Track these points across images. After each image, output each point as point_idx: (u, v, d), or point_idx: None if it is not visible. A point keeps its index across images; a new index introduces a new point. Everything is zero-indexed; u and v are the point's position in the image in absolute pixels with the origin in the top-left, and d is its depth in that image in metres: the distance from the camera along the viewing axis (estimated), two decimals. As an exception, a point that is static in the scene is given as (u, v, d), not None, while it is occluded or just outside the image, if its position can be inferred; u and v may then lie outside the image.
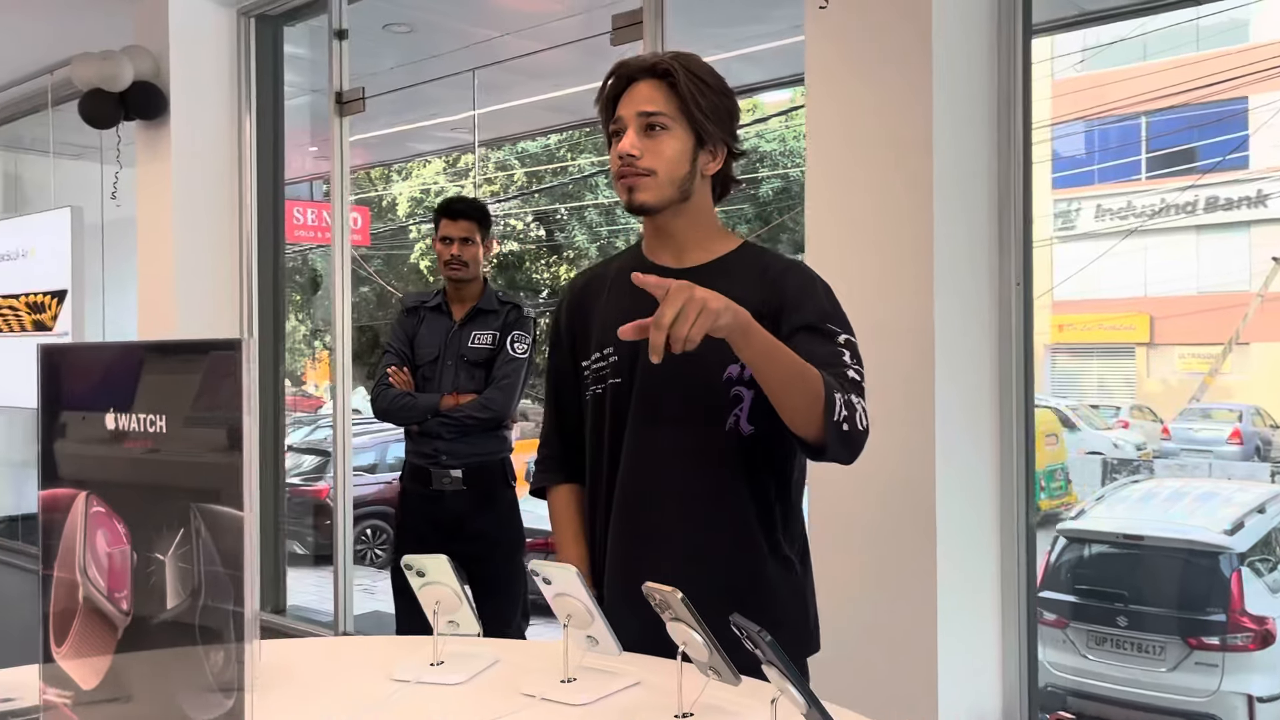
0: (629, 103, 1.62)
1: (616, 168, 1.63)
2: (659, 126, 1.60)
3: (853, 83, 2.81)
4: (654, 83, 1.62)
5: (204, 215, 5.14)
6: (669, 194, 1.62)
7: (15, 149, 7.55)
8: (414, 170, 17.43)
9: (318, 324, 17.52)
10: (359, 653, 1.61)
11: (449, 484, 3.06)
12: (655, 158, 1.60)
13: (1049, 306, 17.09)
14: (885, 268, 2.74)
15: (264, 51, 5.25)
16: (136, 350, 0.89)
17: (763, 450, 1.59)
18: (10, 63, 6.06)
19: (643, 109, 1.60)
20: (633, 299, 1.62)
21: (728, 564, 1.60)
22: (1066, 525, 6.68)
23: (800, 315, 1.59)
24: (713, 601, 1.53)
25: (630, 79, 1.64)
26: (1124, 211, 16.87)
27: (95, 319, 6.37)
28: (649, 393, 1.62)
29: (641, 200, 1.62)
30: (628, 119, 1.62)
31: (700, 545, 1.60)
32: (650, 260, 1.69)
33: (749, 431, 1.59)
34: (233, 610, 0.81)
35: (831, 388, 1.47)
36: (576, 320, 1.75)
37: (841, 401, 1.47)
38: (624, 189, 1.62)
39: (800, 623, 1.67)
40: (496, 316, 3.14)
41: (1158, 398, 16.02)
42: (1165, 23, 12.81)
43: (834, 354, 1.56)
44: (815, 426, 1.47)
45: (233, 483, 0.80)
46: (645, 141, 1.59)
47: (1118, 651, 5.75)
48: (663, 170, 1.60)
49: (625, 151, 1.59)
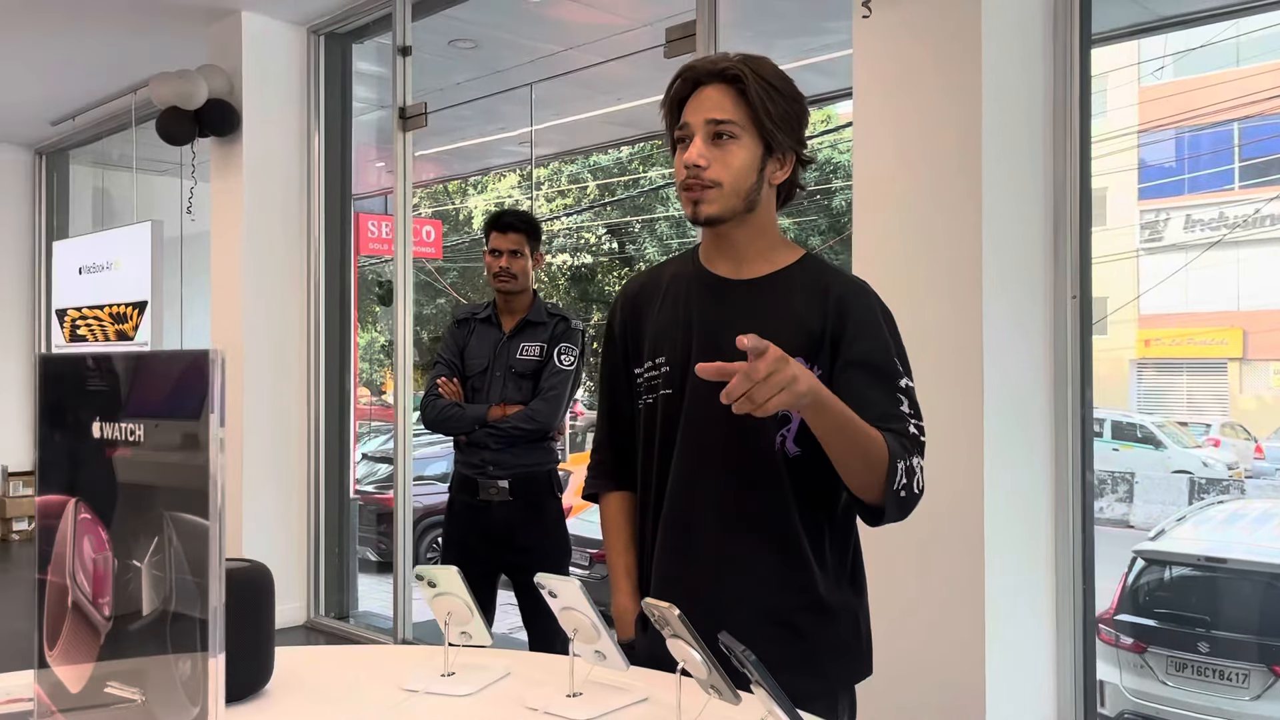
0: (696, 109, 1.55)
1: (682, 177, 1.56)
2: (727, 135, 1.53)
3: (901, 93, 2.77)
4: (723, 88, 1.54)
5: (274, 228, 5.28)
6: (735, 205, 1.55)
7: (103, 165, 7.86)
8: (489, 184, 17.67)
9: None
10: (374, 661, 1.62)
11: (496, 494, 3.08)
12: (722, 168, 1.53)
13: (1135, 320, 16.60)
14: (933, 280, 2.69)
15: (332, 69, 5.39)
16: (120, 360, 0.92)
17: (810, 472, 1.53)
18: (97, 83, 6.31)
19: (711, 116, 1.53)
20: (686, 309, 1.61)
21: (772, 585, 1.55)
22: (1144, 546, 6.47)
23: (859, 348, 1.53)
24: (756, 622, 1.52)
25: (697, 82, 1.57)
26: (1215, 222, 16.32)
27: (173, 329, 6.58)
28: (697, 407, 1.56)
29: (707, 213, 1.55)
30: (695, 126, 1.54)
31: (743, 565, 1.55)
32: (708, 269, 1.64)
33: (795, 453, 1.54)
34: (199, 619, 0.82)
35: (895, 456, 1.43)
36: (629, 327, 1.70)
37: (903, 469, 1.44)
38: (689, 201, 1.56)
39: (849, 647, 1.60)
40: (545, 328, 3.16)
41: (1251, 415, 15.43)
42: (1260, 25, 12.39)
43: (892, 402, 1.50)
44: (874, 492, 1.45)
45: (199, 491, 0.81)
46: (712, 151, 1.53)
47: (1198, 679, 5.54)
48: (729, 182, 1.54)
49: (692, 162, 1.53)
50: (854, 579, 1.62)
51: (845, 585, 1.59)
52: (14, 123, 7.35)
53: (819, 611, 1.55)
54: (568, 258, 17.44)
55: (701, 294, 1.62)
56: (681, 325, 1.61)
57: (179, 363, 0.84)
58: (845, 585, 1.59)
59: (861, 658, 1.62)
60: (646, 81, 6.00)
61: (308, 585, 5.39)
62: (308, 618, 5.39)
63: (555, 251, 17.26)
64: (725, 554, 1.56)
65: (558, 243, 17.42)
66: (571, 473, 9.79)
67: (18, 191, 8.02)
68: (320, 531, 5.41)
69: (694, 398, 1.57)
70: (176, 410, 0.84)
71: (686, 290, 1.64)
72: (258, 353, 5.24)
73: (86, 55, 5.80)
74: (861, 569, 1.64)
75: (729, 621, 1.50)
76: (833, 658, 1.57)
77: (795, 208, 14.15)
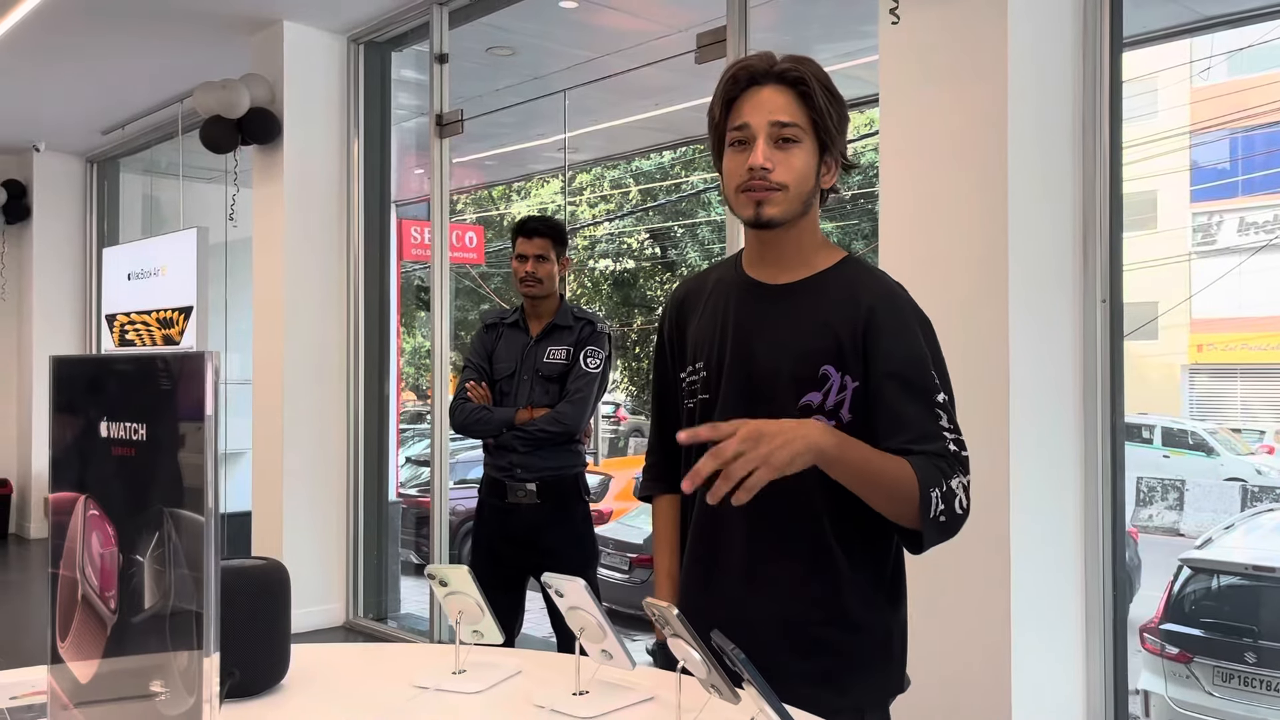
0: (758, 109, 1.52)
1: (742, 179, 1.52)
2: (791, 139, 1.51)
3: (927, 98, 2.76)
4: (784, 90, 1.52)
5: (314, 234, 5.37)
6: (795, 209, 1.54)
7: (152, 173, 8.04)
8: (532, 190, 17.79)
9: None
10: (389, 659, 1.65)
11: (524, 497, 3.11)
12: (787, 171, 1.51)
13: (1187, 325, 16.29)
14: (959, 283, 2.68)
15: (372, 77, 5.47)
16: (124, 362, 0.95)
17: (843, 486, 1.47)
18: (145, 93, 6.47)
19: (777, 119, 1.51)
20: (724, 314, 1.61)
21: (796, 598, 1.52)
22: (1191, 555, 6.36)
23: (894, 362, 1.49)
24: (779, 635, 1.51)
25: (752, 82, 1.54)
26: (1270, 225, 15.97)
27: (218, 333, 6.71)
28: (731, 412, 1.53)
29: (770, 215, 1.52)
30: (757, 128, 1.51)
31: (769, 576, 1.53)
32: (748, 275, 1.62)
33: None
34: (195, 612, 0.84)
35: (927, 485, 1.40)
36: (675, 331, 1.71)
37: (937, 496, 1.41)
38: (751, 203, 1.52)
39: (877, 664, 1.55)
40: (571, 332, 3.19)
41: (1308, 422, 15.08)
42: (1311, 23, 12.11)
43: (930, 419, 1.47)
44: (910, 521, 1.43)
45: (194, 488, 0.84)
46: (775, 153, 1.50)
47: (1245, 690, 5.43)
48: (793, 185, 1.52)
49: (759, 164, 1.50)
50: (892, 591, 1.57)
51: (880, 598, 1.55)
52: (67, 132, 7.55)
53: (845, 627, 1.52)
54: (610, 263, 17.50)
55: (739, 299, 1.61)
56: (719, 330, 1.61)
57: (178, 364, 0.88)
58: (880, 598, 1.55)
59: (891, 675, 1.57)
60: (682, 87, 6.02)
61: (347, 587, 5.47)
62: (347, 619, 5.46)
63: (598, 257, 17.33)
64: (751, 564, 1.54)
65: (600, 248, 17.50)
66: (612, 477, 9.82)
67: (71, 199, 8.23)
68: (359, 534, 5.49)
69: (726, 404, 1.56)
70: (175, 409, 0.88)
71: (726, 295, 1.63)
72: (299, 357, 5.33)
73: (135, 67, 5.94)
74: (902, 580, 1.59)
75: (754, 633, 1.46)
76: (858, 675, 1.53)
77: (839, 212, 14.08)
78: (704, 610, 1.54)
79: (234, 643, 1.34)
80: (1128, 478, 3.90)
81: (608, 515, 8.67)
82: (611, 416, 17.22)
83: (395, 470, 7.59)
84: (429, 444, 5.50)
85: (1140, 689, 5.24)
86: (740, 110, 1.54)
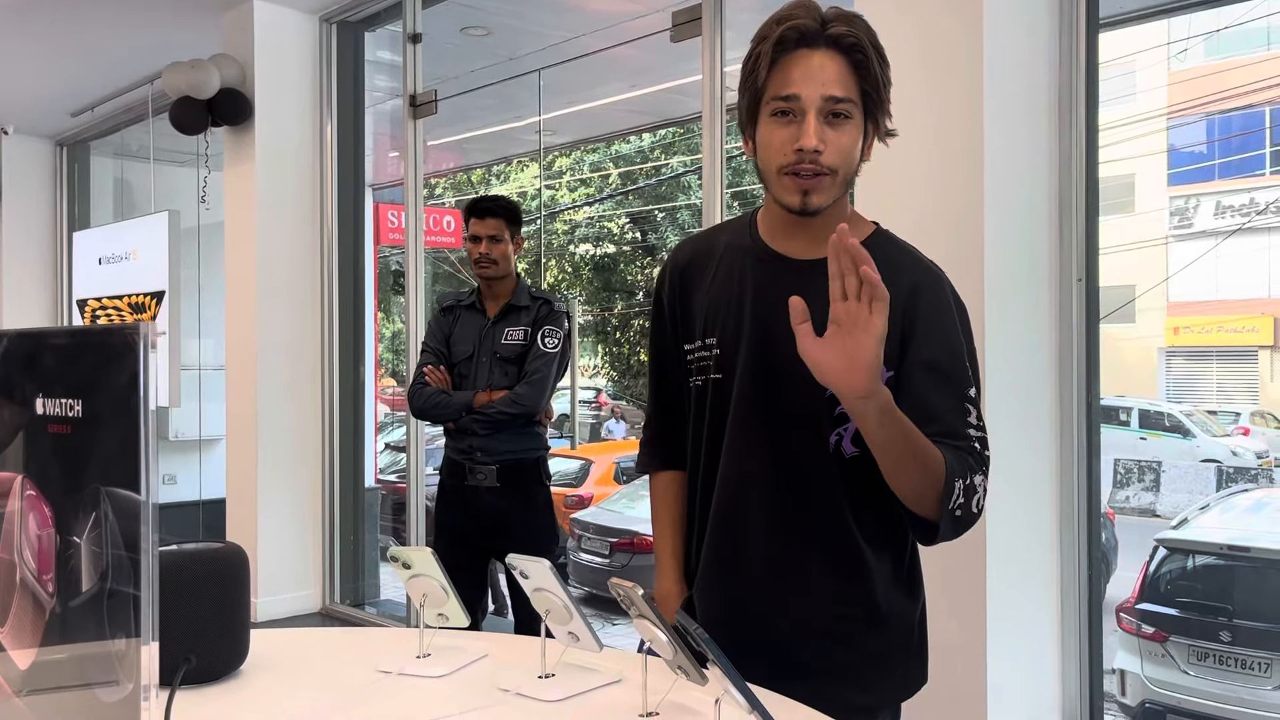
0: (808, 79, 1.34)
1: (789, 160, 1.36)
2: (843, 115, 1.36)
3: (902, 74, 2.73)
4: (836, 56, 1.35)
5: (287, 217, 5.30)
6: (840, 193, 1.41)
7: (123, 156, 7.92)
8: (511, 173, 17.70)
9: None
10: (352, 643, 1.62)
11: (484, 480, 3.09)
12: (836, 153, 1.36)
13: (1163, 308, 16.40)
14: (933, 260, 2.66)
15: (345, 57, 5.40)
16: (60, 336, 0.91)
17: (868, 473, 1.38)
18: (114, 74, 6.36)
19: (831, 93, 1.34)
20: (740, 286, 1.47)
21: (820, 591, 1.44)
22: (1166, 535, 6.41)
23: (930, 348, 1.40)
24: (802, 629, 1.45)
25: (802, 42, 1.36)
26: (1246, 208, 16.07)
27: (191, 318, 6.63)
28: (749, 396, 1.44)
29: (818, 205, 1.38)
30: (809, 101, 1.34)
31: (791, 570, 1.44)
32: (770, 247, 1.48)
33: (852, 453, 1.41)
34: (132, 594, 0.81)
35: (953, 474, 1.32)
36: (679, 299, 1.55)
37: (960, 488, 1.33)
38: (797, 190, 1.37)
39: (901, 658, 1.49)
40: (528, 312, 3.15)
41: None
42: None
43: (959, 414, 1.38)
44: (928, 509, 1.35)
45: (131, 466, 0.81)
46: (827, 132, 1.35)
47: (1220, 668, 5.48)
48: (843, 169, 1.38)
49: (812, 146, 1.34)
50: (910, 583, 1.51)
51: (902, 591, 1.49)
52: (35, 114, 7.43)
53: (870, 621, 1.45)
54: (590, 248, 17.43)
55: (759, 272, 1.47)
56: (734, 305, 1.47)
57: (114, 338, 0.84)
58: (902, 591, 1.49)
59: (915, 669, 1.51)
60: (660, 68, 5.97)
61: (323, 573, 5.43)
62: (323, 605, 5.43)
63: (578, 242, 17.25)
64: (773, 558, 1.45)
65: (580, 233, 17.42)
66: (592, 462, 9.78)
67: (40, 183, 8.11)
68: (335, 520, 5.44)
69: (744, 386, 1.45)
70: (111, 384, 0.84)
71: (742, 265, 1.49)
72: (272, 341, 5.27)
73: (103, 47, 5.84)
74: (919, 571, 1.52)
75: (774, 628, 1.45)
76: (881, 670, 1.47)
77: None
78: (723, 606, 1.50)
79: (190, 628, 1.31)
80: (1105, 459, 3.90)
81: (588, 500, 8.64)
82: (592, 402, 17.20)
83: (374, 456, 7.54)
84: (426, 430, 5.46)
85: (1116, 668, 5.27)
86: (789, 76, 1.36)
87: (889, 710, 1.51)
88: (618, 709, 1.24)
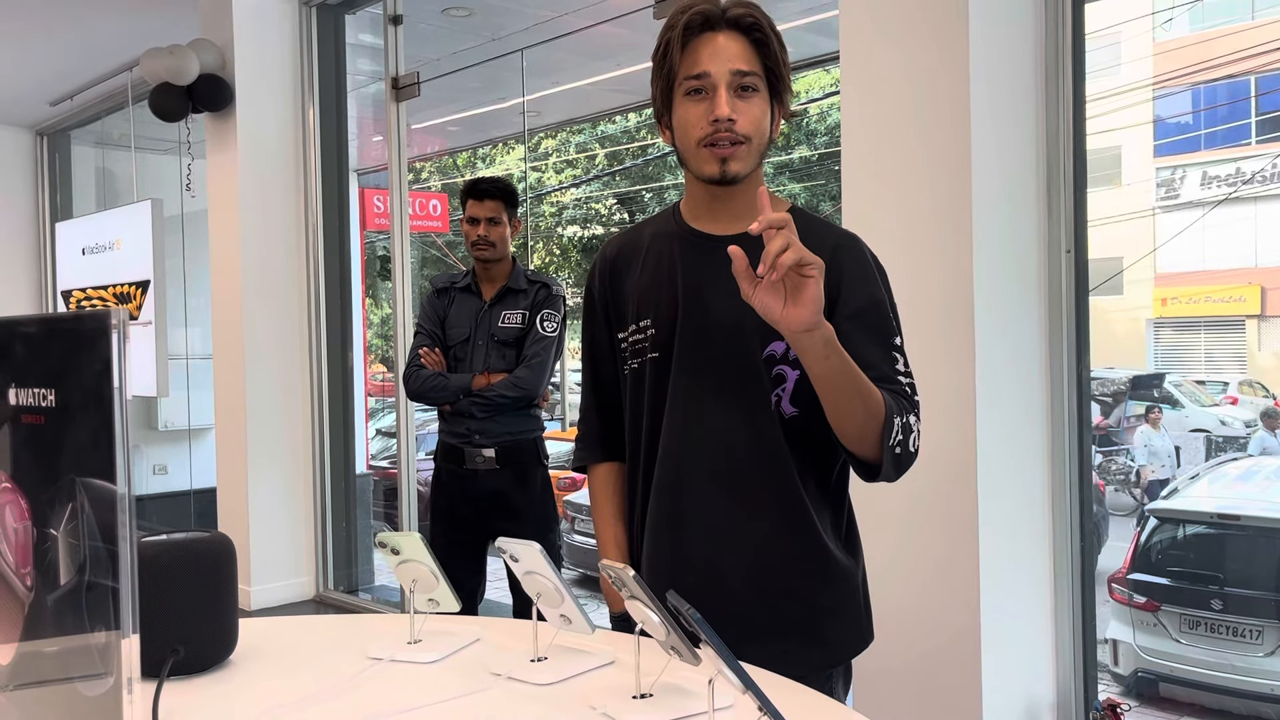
0: (716, 57, 1.45)
1: (705, 132, 1.46)
2: (750, 89, 1.46)
3: (888, 48, 2.71)
4: (738, 37, 1.46)
5: (271, 203, 5.25)
6: (756, 162, 1.50)
7: (104, 145, 7.85)
8: (497, 156, 17.60)
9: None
10: (342, 630, 1.61)
11: (482, 463, 3.07)
12: (749, 122, 1.46)
13: (1151, 280, 16.44)
14: (923, 236, 2.64)
15: (326, 40, 5.34)
16: (32, 324, 0.89)
17: (807, 433, 1.48)
18: (93, 62, 6.29)
19: (738, 67, 1.45)
20: (670, 267, 1.55)
21: (770, 549, 1.50)
22: (1157, 505, 6.44)
23: (856, 302, 1.48)
24: (754, 589, 1.49)
25: (707, 26, 1.46)
26: (1232, 178, 16.09)
27: (177, 307, 6.59)
28: (688, 368, 1.51)
29: (736, 171, 1.47)
30: (718, 77, 1.44)
31: (740, 530, 1.50)
32: (693, 228, 1.57)
33: (791, 413, 1.49)
34: (112, 587, 0.80)
35: (891, 411, 1.40)
36: (610, 291, 1.63)
37: (899, 425, 1.41)
38: (715, 159, 1.46)
39: (851, 612, 1.55)
40: (526, 295, 3.13)
41: (1270, 373, 15.30)
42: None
43: (889, 361, 1.47)
44: (870, 447, 1.41)
45: (107, 456, 0.79)
46: (738, 103, 1.45)
47: (1212, 636, 5.52)
48: (756, 137, 1.47)
49: (726, 115, 1.44)
50: (849, 542, 1.57)
51: (845, 547, 1.55)
52: (13, 104, 7.34)
53: (821, 576, 1.51)
54: (577, 229, 17.37)
55: (686, 251, 1.55)
56: (665, 284, 1.55)
57: (85, 325, 0.82)
58: (845, 547, 1.55)
59: (863, 625, 1.57)
60: (644, 45, 5.91)
61: (316, 560, 5.42)
62: (317, 592, 5.42)
63: (565, 224, 17.17)
64: (720, 519, 1.51)
65: (567, 214, 17.34)
66: (575, 445, 9.78)
67: (21, 173, 8.03)
68: (327, 507, 5.43)
69: (682, 359, 1.51)
70: (84, 373, 0.82)
71: (669, 248, 1.57)
72: (259, 328, 5.23)
73: (81, 34, 5.77)
74: (856, 533, 1.59)
75: (726, 589, 1.49)
76: (835, 625, 1.53)
77: (804, 173, 14.01)
78: (672, 572, 1.52)
79: (177, 619, 1.29)
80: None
81: (580, 482, 8.65)
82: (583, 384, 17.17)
83: (365, 442, 7.50)
84: (418, 415, 5.43)
85: (1109, 638, 5.30)
86: (698, 57, 1.45)
87: (842, 666, 1.55)
88: (611, 691, 1.23)
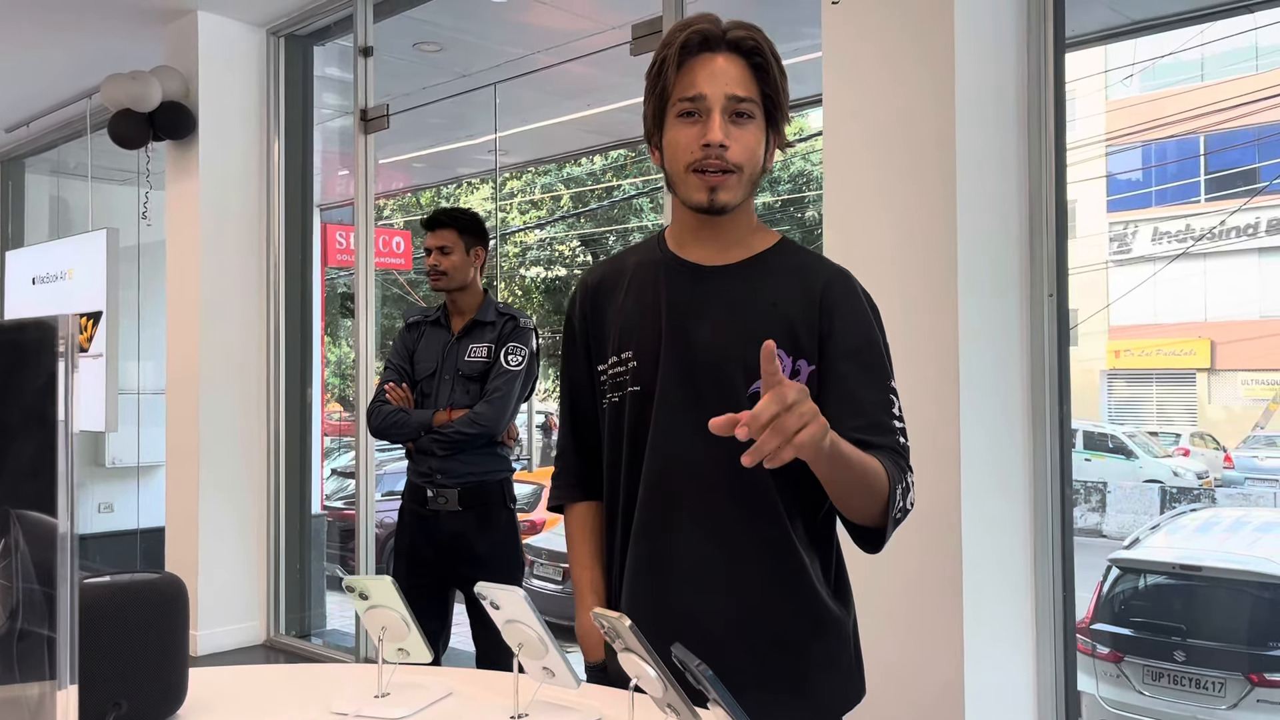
0: (712, 79, 1.38)
1: (695, 157, 1.39)
2: (745, 115, 1.39)
3: (871, 92, 2.68)
4: (737, 60, 1.40)
5: (232, 235, 5.13)
6: (746, 192, 1.43)
7: (60, 174, 7.67)
8: (462, 195, 17.55)
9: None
10: (302, 682, 1.49)
11: (444, 504, 2.95)
12: (741, 151, 1.39)
13: (1105, 332, 16.72)
14: (908, 281, 2.60)
15: (293, 72, 5.26)
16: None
17: (793, 476, 1.36)
18: (51, 88, 6.15)
19: (734, 92, 1.38)
20: (655, 297, 1.48)
21: (757, 598, 1.41)
22: (1120, 555, 6.43)
23: (850, 339, 1.41)
24: (738, 639, 1.40)
25: (705, 46, 1.40)
26: (1182, 234, 16.45)
27: (130, 340, 6.40)
28: (670, 404, 1.43)
29: (725, 202, 1.40)
30: (713, 100, 1.38)
31: (724, 576, 1.41)
32: (680, 256, 1.49)
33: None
34: (46, 636, 0.69)
35: (894, 480, 1.33)
36: (591, 321, 1.55)
37: (900, 491, 1.34)
38: (705, 187, 1.39)
39: (842, 665, 1.47)
40: (493, 328, 3.03)
41: (1220, 425, 15.56)
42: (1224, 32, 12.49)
43: (884, 406, 1.40)
44: (872, 519, 1.35)
45: (47, 486, 0.69)
46: (731, 129, 1.38)
47: (1175, 688, 5.49)
48: (748, 166, 1.41)
49: (718, 141, 1.37)
50: (839, 589, 1.48)
51: (837, 597, 1.47)
52: (-33, 130, 7.16)
53: (812, 625, 1.42)
54: (541, 270, 17.31)
55: (671, 281, 1.47)
56: (649, 315, 1.47)
57: (28, 335, 0.72)
58: (837, 597, 1.47)
59: (855, 678, 1.49)
60: (615, 86, 5.89)
61: (267, 603, 5.22)
62: (267, 636, 5.22)
63: (529, 264, 17.12)
64: (704, 564, 1.41)
65: (531, 255, 17.30)
66: (544, 486, 9.64)
67: (-28, 201, 7.82)
68: (280, 548, 5.24)
69: (666, 394, 1.43)
70: (23, 391, 0.72)
71: (655, 278, 1.49)
72: (215, 364, 5.07)
73: (39, 60, 5.63)
74: (846, 578, 1.50)
75: (710, 638, 1.38)
76: (826, 678, 1.43)
77: (769, 219, 14.09)
78: (654, 619, 1.42)
79: (121, 669, 1.18)
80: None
81: (540, 525, 8.50)
82: (545, 425, 17.03)
83: (320, 483, 7.31)
84: (377, 456, 5.28)
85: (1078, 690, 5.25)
86: (694, 78, 1.39)
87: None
88: (599, 752, 1.14)
